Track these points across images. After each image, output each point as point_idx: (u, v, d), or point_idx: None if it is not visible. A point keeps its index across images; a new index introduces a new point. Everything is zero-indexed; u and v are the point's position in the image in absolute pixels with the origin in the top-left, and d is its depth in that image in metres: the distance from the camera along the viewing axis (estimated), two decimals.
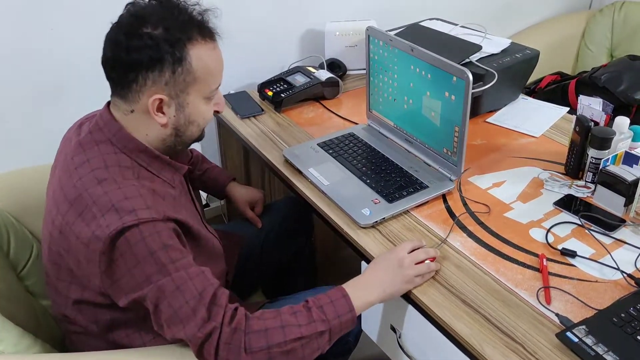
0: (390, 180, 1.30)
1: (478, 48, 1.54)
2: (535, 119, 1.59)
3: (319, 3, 1.96)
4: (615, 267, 1.05)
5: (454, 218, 1.21)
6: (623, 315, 0.92)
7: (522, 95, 1.71)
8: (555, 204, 1.23)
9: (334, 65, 1.90)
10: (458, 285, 1.03)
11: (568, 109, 1.63)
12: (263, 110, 1.69)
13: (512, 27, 2.56)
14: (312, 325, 0.93)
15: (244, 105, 1.71)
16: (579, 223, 1.17)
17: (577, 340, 0.88)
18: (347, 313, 0.96)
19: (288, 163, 1.42)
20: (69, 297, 1.00)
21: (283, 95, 1.67)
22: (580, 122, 1.27)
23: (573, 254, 1.08)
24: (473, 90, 1.19)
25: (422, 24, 1.78)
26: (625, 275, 1.03)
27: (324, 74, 1.76)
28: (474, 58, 1.53)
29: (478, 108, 1.58)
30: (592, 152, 1.25)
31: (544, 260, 1.07)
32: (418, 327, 1.05)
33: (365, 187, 1.29)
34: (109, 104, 1.01)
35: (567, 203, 1.23)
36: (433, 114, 1.29)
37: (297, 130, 1.59)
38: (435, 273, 1.06)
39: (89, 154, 0.96)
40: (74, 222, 0.90)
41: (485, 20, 1.87)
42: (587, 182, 1.28)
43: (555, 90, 2.25)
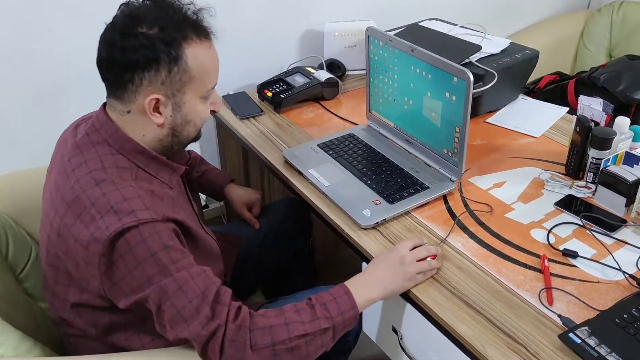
0: (391, 181, 1.29)
1: (478, 48, 1.53)
2: (535, 119, 1.58)
3: (318, 3, 1.96)
4: (617, 267, 1.05)
5: (455, 218, 1.20)
6: (625, 316, 0.92)
7: (521, 96, 1.71)
8: (556, 205, 1.22)
9: (333, 66, 1.90)
10: (460, 287, 1.03)
11: (568, 109, 1.63)
12: (262, 111, 1.69)
13: (511, 27, 2.56)
14: (315, 323, 0.93)
15: (243, 106, 1.71)
16: (580, 223, 1.17)
17: (579, 342, 0.88)
18: (350, 310, 0.96)
19: (288, 164, 1.41)
20: (67, 300, 0.99)
21: (282, 96, 1.67)
22: (581, 122, 1.26)
23: (574, 255, 1.08)
24: (473, 91, 1.19)
25: (421, 24, 1.78)
26: (627, 276, 1.03)
27: (324, 75, 1.75)
28: (474, 58, 1.53)
29: (478, 108, 1.57)
30: (592, 152, 1.25)
31: (546, 261, 1.06)
32: (420, 328, 1.05)
33: (366, 188, 1.28)
34: (105, 105, 1.00)
35: (568, 203, 1.22)
36: (433, 115, 1.29)
37: (296, 131, 1.58)
38: (437, 272, 1.06)
39: (86, 156, 0.95)
40: (73, 224, 0.90)
41: (485, 20, 1.87)
42: (587, 182, 1.28)
43: (554, 90, 2.25)
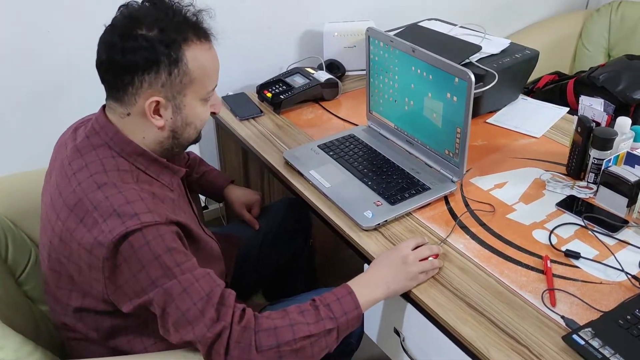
0: (392, 182, 1.29)
1: (478, 48, 1.53)
2: (536, 120, 1.58)
3: (318, 3, 1.95)
4: (620, 268, 1.05)
5: (456, 219, 1.20)
6: (629, 317, 0.92)
7: (521, 96, 1.71)
8: (558, 205, 1.22)
9: (333, 66, 1.89)
10: (462, 288, 1.03)
11: (568, 109, 1.63)
12: (262, 112, 1.68)
13: (510, 27, 2.56)
14: (320, 324, 0.92)
15: (243, 107, 1.70)
16: (582, 224, 1.17)
17: (583, 343, 0.88)
18: (353, 310, 0.96)
19: (288, 165, 1.41)
20: (69, 305, 0.99)
21: (282, 97, 1.67)
22: (582, 122, 1.26)
23: (577, 256, 1.08)
24: (474, 91, 1.19)
25: (421, 25, 1.78)
26: (630, 277, 1.03)
27: (323, 75, 1.75)
28: (474, 58, 1.53)
29: (478, 108, 1.57)
30: (594, 152, 1.24)
31: (548, 262, 1.06)
32: (422, 330, 1.05)
33: (367, 189, 1.28)
34: (104, 107, 1.00)
35: (569, 204, 1.22)
36: (434, 115, 1.29)
37: (296, 132, 1.58)
38: (439, 273, 1.06)
39: (87, 159, 0.95)
40: (75, 228, 0.89)
41: (484, 20, 1.87)
42: (589, 182, 1.28)
43: (554, 90, 2.25)
